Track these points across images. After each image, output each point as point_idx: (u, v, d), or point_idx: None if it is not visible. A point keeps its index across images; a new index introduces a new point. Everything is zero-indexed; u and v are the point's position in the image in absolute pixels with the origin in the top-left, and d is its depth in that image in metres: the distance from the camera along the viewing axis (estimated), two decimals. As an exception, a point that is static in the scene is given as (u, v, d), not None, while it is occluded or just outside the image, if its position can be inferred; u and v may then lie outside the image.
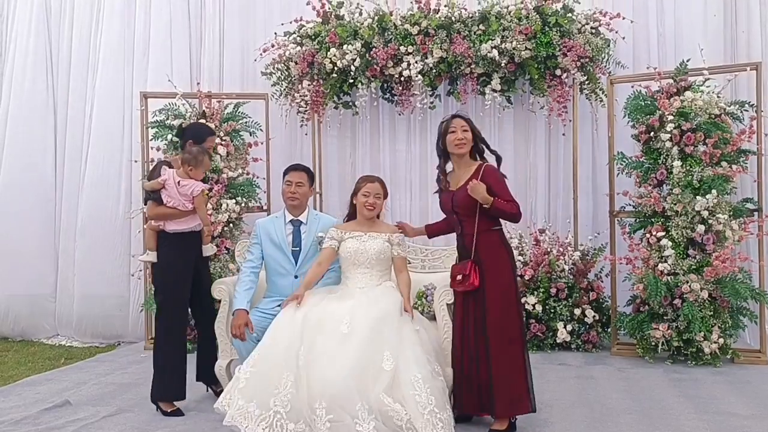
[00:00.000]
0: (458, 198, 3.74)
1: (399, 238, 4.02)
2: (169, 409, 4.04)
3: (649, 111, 5.24)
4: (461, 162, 3.83)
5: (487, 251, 3.72)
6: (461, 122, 3.78)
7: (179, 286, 4.13)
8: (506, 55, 5.77)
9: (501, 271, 3.71)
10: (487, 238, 3.74)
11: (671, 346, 5.07)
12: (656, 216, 5.18)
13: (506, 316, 3.65)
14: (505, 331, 3.64)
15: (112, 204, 6.73)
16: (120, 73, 6.86)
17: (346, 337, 3.50)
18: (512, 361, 3.62)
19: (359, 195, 3.99)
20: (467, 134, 3.76)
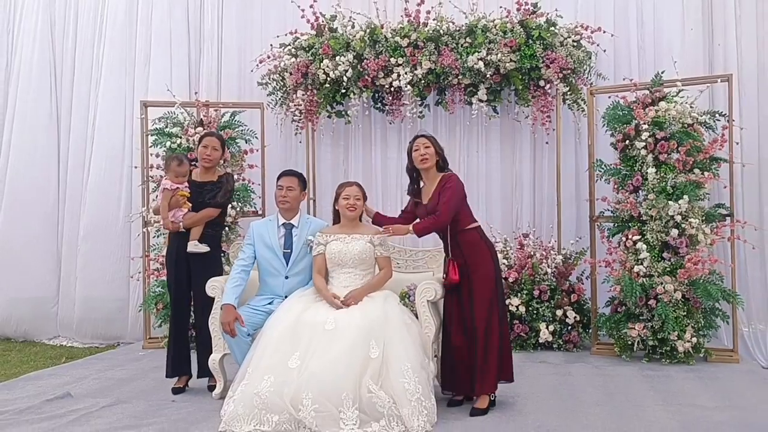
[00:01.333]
0: (431, 208, 4.09)
1: (381, 239, 4.24)
2: (173, 385, 4.59)
3: (626, 120, 5.47)
4: (429, 176, 4.19)
5: (468, 248, 4.08)
6: (423, 140, 4.16)
7: (170, 276, 4.70)
8: (492, 66, 6.01)
9: (482, 263, 4.06)
10: (465, 236, 4.11)
11: (647, 345, 5.28)
12: (633, 220, 5.40)
13: (491, 305, 4.01)
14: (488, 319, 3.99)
15: (113, 209, 6.98)
16: (122, 83, 7.14)
17: (332, 333, 3.74)
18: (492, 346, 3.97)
19: (340, 200, 4.25)
20: (429, 150, 4.12)
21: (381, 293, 4.11)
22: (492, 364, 3.99)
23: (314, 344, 3.72)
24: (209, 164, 4.67)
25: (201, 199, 4.61)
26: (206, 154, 4.61)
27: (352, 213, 4.21)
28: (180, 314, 4.71)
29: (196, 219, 4.56)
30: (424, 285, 4.13)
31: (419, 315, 4.10)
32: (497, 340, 4.01)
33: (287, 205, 4.40)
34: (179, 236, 4.62)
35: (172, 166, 4.57)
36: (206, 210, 4.57)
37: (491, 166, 6.68)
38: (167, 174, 4.62)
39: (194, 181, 4.64)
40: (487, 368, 3.98)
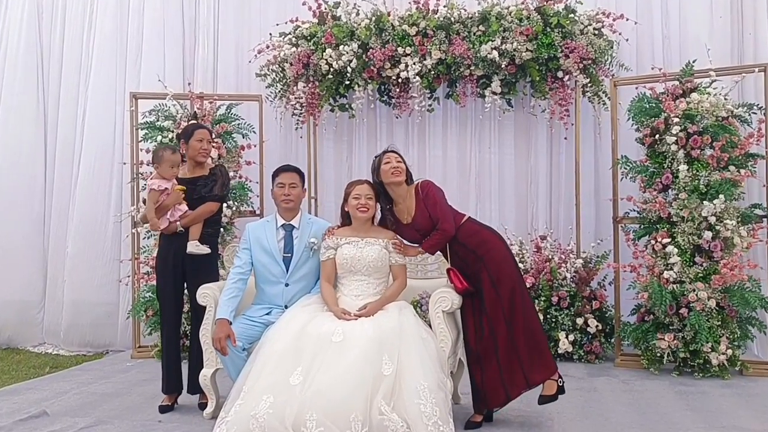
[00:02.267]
0: (420, 225, 3.81)
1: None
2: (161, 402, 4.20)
3: (654, 113, 5.07)
4: (400, 192, 3.86)
5: (470, 241, 3.78)
6: (395, 155, 3.88)
7: (160, 283, 4.32)
8: (507, 56, 5.60)
9: (492, 249, 3.77)
10: (465, 232, 3.82)
11: (677, 357, 4.89)
12: (661, 222, 5.00)
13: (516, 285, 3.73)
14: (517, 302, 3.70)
15: (103, 208, 6.59)
16: (113, 75, 6.74)
17: (339, 346, 3.35)
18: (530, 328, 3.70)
19: (350, 200, 3.86)
20: (401, 165, 3.83)
21: (395, 303, 3.73)
22: (541, 343, 3.72)
23: (320, 358, 3.31)
24: (205, 159, 4.31)
25: (197, 195, 4.21)
26: (202, 148, 4.22)
27: (364, 214, 3.81)
28: (174, 324, 4.32)
29: (195, 216, 4.17)
30: (440, 294, 3.72)
31: (434, 327, 3.69)
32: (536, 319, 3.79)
33: (291, 204, 4.00)
34: (174, 238, 4.22)
35: (165, 156, 4.13)
36: (206, 205, 4.19)
37: (504, 163, 6.27)
38: (158, 168, 4.18)
39: (183, 178, 4.25)
40: (536, 348, 3.68)
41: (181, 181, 4.23)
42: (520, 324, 3.67)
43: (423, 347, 3.44)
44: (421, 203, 3.80)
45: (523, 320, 3.68)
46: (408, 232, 3.89)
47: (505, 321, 3.66)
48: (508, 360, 3.66)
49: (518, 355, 3.66)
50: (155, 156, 4.22)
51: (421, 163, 6.31)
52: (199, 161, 4.28)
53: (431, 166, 6.30)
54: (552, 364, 3.73)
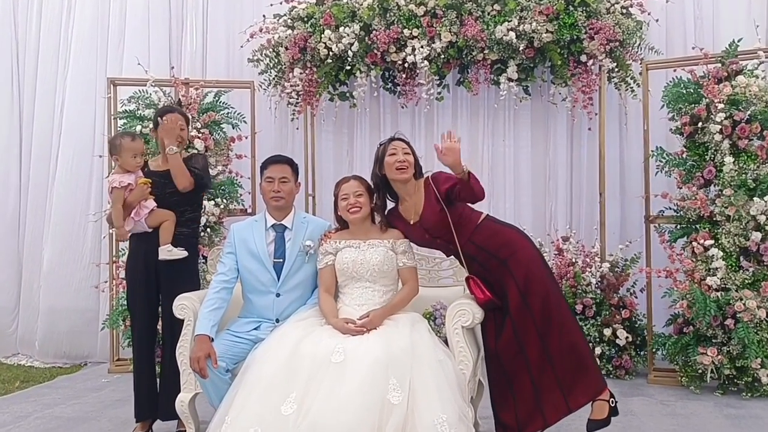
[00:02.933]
0: (429, 222, 3.26)
1: (405, 245, 3.34)
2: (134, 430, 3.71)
3: (694, 99, 4.54)
4: (407, 188, 3.33)
5: (494, 242, 3.21)
6: (402, 145, 3.31)
7: (131, 294, 3.79)
8: (524, 38, 5.05)
9: (518, 249, 3.20)
10: (483, 233, 3.24)
11: (721, 374, 4.34)
12: (702, 221, 4.47)
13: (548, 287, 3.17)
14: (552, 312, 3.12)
15: (82, 206, 6.04)
16: (93, 63, 6.19)
17: (340, 368, 2.79)
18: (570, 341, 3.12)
19: (339, 201, 3.35)
20: (409, 157, 3.29)
21: (407, 316, 3.17)
22: (585, 358, 3.12)
23: (316, 383, 2.77)
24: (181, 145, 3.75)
25: (170, 189, 3.66)
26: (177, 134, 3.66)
27: (356, 215, 3.29)
28: (146, 340, 3.77)
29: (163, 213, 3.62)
30: (458, 306, 3.15)
31: (451, 345, 3.13)
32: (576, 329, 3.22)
33: (281, 201, 3.43)
34: (145, 239, 3.68)
35: (124, 145, 3.59)
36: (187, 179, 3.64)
37: (520, 156, 5.74)
38: (119, 160, 3.64)
39: (155, 171, 3.71)
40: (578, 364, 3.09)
41: (151, 174, 3.69)
42: (556, 336, 3.11)
43: (440, 371, 2.89)
44: (431, 197, 3.24)
45: (560, 332, 3.11)
46: (416, 233, 3.34)
47: (538, 334, 3.10)
48: (543, 379, 3.10)
49: (556, 373, 3.09)
50: (112, 146, 3.66)
51: (428, 157, 5.65)
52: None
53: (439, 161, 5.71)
54: (598, 382, 3.14)
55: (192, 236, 3.80)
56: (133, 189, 3.60)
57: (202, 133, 5.12)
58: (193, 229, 3.81)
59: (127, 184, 3.58)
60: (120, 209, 3.58)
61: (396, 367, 2.79)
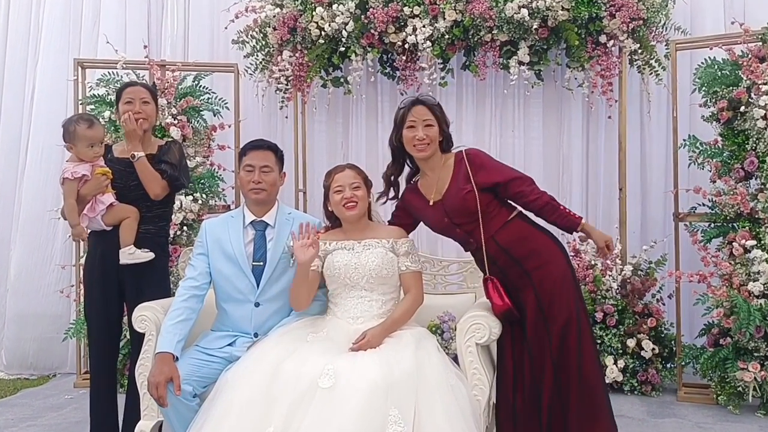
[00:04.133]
0: (452, 204, 2.79)
1: (407, 245, 2.83)
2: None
3: (732, 82, 4.04)
4: (431, 162, 2.85)
5: (521, 247, 2.73)
6: (424, 113, 2.80)
7: (87, 302, 3.32)
8: (538, 16, 4.56)
9: (550, 261, 2.74)
10: (510, 233, 2.74)
11: (764, 392, 3.84)
12: (741, 219, 3.98)
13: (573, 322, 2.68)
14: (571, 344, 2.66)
15: (52, 203, 5.46)
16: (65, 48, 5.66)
17: (329, 395, 2.28)
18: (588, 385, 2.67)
19: (331, 194, 2.85)
20: (431, 130, 2.79)
21: (411, 331, 2.67)
22: (599, 408, 2.66)
23: (301, 412, 2.27)
24: (144, 125, 3.22)
25: (134, 181, 3.15)
26: (135, 110, 3.15)
27: (351, 211, 2.79)
28: (105, 356, 3.27)
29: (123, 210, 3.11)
30: (472, 320, 2.64)
31: (464, 365, 2.63)
32: (596, 371, 2.73)
33: (263, 194, 2.92)
34: (102, 238, 3.18)
35: (79, 132, 3.09)
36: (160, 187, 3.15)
37: (531, 147, 5.26)
38: (73, 149, 3.14)
39: (117, 159, 3.20)
40: (590, 413, 2.64)
41: (115, 162, 3.18)
42: (573, 375, 2.63)
43: (452, 399, 2.39)
44: (460, 175, 2.73)
45: (578, 370, 2.64)
46: (433, 216, 2.84)
47: (553, 366, 2.64)
48: (552, 422, 2.64)
49: (566, 417, 2.62)
50: (65, 132, 3.14)
51: None
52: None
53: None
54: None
55: (160, 235, 3.29)
56: (88, 180, 3.08)
57: (179, 121, 4.62)
58: (160, 227, 3.30)
59: (81, 175, 3.08)
60: (73, 204, 3.09)
61: (398, 395, 2.29)
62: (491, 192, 2.74)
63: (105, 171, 3.10)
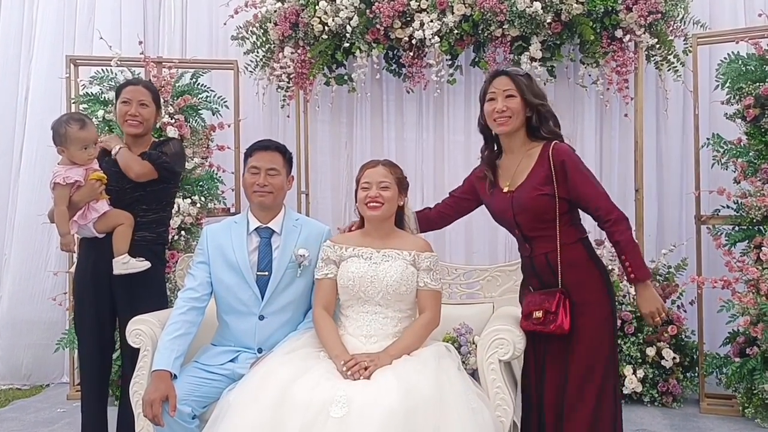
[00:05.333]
0: (521, 202, 2.51)
1: (431, 260, 2.61)
2: None
3: (758, 78, 3.86)
4: (513, 141, 2.58)
5: (573, 274, 2.45)
6: (505, 83, 2.52)
7: (78, 314, 3.15)
8: (551, 10, 4.39)
9: (596, 300, 2.47)
10: (568, 255, 2.46)
11: (794, 404, 3.65)
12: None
13: (597, 370, 2.44)
14: (587, 395, 2.42)
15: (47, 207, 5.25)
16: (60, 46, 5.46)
17: (341, 425, 2.08)
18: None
19: (359, 190, 2.64)
20: (513, 102, 2.50)
21: (432, 350, 2.46)
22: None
23: None
24: (137, 129, 3.06)
25: (129, 184, 2.97)
26: (129, 113, 2.97)
27: (375, 212, 2.57)
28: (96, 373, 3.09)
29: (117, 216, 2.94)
30: (495, 334, 2.45)
31: (485, 384, 2.44)
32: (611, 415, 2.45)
33: (268, 198, 2.72)
34: (93, 245, 3.00)
35: (69, 135, 2.91)
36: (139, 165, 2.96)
37: (543, 145, 5.05)
38: (68, 147, 2.94)
39: (114, 160, 3.01)
40: None
41: (111, 165, 2.99)
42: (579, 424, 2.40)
43: (473, 424, 2.18)
44: (541, 172, 2.46)
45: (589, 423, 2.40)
46: (499, 204, 2.58)
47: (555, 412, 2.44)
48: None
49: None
50: (55, 134, 2.95)
51: (438, 148, 5.17)
52: (130, 132, 3.04)
53: (450, 153, 5.14)
54: None
55: (157, 242, 3.09)
56: (81, 186, 2.89)
57: (176, 120, 4.45)
58: (158, 234, 3.10)
59: (74, 181, 2.89)
60: (63, 211, 2.90)
61: (416, 423, 2.08)
62: (569, 202, 2.49)
63: (100, 176, 2.91)
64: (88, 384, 3.08)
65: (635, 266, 2.42)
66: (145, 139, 3.09)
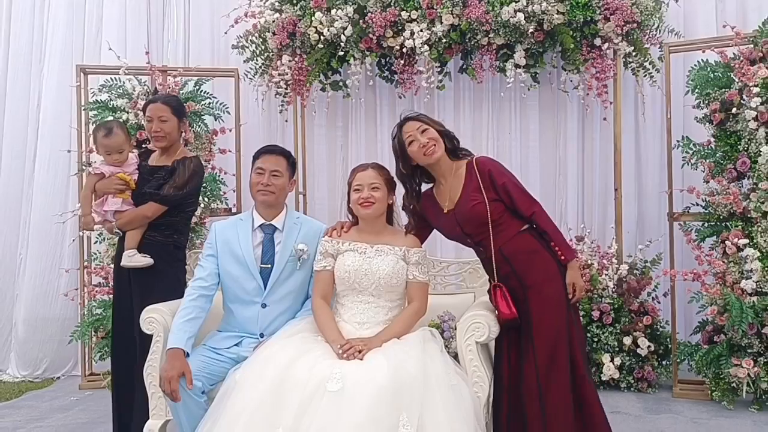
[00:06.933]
0: (464, 214, 2.81)
1: (419, 255, 2.88)
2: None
3: (724, 84, 4.12)
4: (442, 168, 2.89)
5: (525, 260, 2.76)
6: (414, 125, 2.86)
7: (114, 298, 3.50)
8: (533, 20, 4.62)
9: (547, 279, 2.75)
10: (518, 244, 2.76)
11: (757, 387, 3.92)
12: (734, 218, 4.07)
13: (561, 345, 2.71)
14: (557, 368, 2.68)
15: (60, 207, 5.51)
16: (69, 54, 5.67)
17: (337, 398, 2.33)
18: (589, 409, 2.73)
19: (352, 192, 2.90)
20: (430, 133, 2.84)
21: (417, 334, 2.72)
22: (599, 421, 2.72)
23: (308, 416, 2.32)
24: (161, 143, 3.33)
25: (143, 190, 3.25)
26: (153, 129, 3.29)
27: (368, 210, 2.83)
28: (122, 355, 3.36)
29: (128, 218, 3.20)
30: (472, 319, 2.72)
31: (464, 364, 2.70)
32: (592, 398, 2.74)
33: (270, 197, 2.98)
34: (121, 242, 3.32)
35: (97, 140, 3.28)
36: (142, 207, 3.24)
37: (528, 149, 5.32)
38: (98, 149, 3.37)
39: (150, 166, 3.33)
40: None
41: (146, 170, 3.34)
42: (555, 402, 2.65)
43: (453, 398, 2.45)
44: (471, 185, 2.77)
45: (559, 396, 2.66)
46: (447, 224, 2.88)
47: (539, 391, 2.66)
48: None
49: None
50: (93, 137, 3.44)
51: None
52: (157, 146, 3.36)
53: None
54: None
55: (166, 243, 3.32)
56: (104, 179, 3.24)
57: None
58: (167, 236, 3.33)
59: (100, 172, 3.23)
60: (87, 195, 3.31)
61: (406, 398, 2.34)
62: (502, 202, 2.77)
63: (123, 177, 3.21)
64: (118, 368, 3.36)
65: (563, 249, 2.75)
66: (174, 148, 3.36)
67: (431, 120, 2.91)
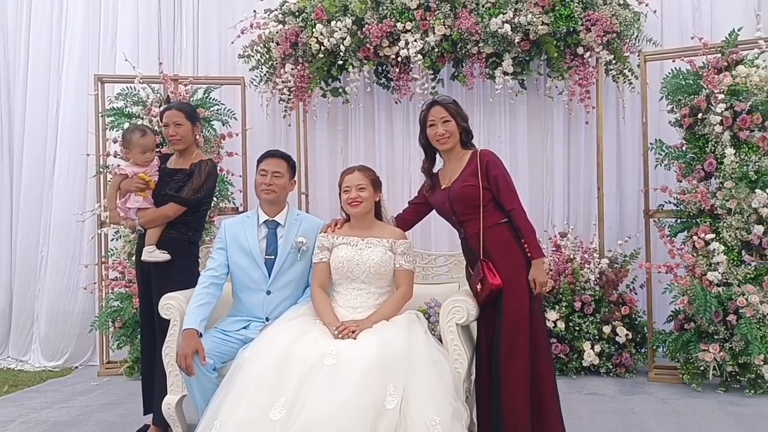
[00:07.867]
0: (455, 194, 3.15)
1: (405, 246, 3.21)
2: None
3: (693, 90, 4.44)
4: (450, 154, 3.25)
5: (498, 250, 3.07)
6: (440, 112, 3.18)
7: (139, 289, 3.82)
8: (520, 31, 4.94)
9: (515, 269, 3.07)
10: (495, 234, 3.09)
11: (723, 371, 4.24)
12: (703, 215, 4.38)
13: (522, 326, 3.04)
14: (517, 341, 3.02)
15: (79, 208, 5.85)
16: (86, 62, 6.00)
17: (333, 371, 2.66)
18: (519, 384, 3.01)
19: (342, 193, 3.25)
20: (449, 125, 3.16)
21: (404, 317, 3.06)
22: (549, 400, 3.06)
23: (308, 387, 2.64)
24: (178, 146, 3.67)
25: (164, 191, 3.59)
26: (170, 134, 3.61)
27: (356, 208, 3.18)
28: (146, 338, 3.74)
29: (150, 217, 3.53)
30: (453, 303, 3.06)
31: (446, 343, 3.04)
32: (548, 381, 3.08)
33: (272, 195, 3.34)
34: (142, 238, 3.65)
35: (134, 140, 3.58)
36: (164, 207, 3.56)
37: (516, 151, 5.61)
38: (130, 150, 3.64)
39: (169, 169, 3.67)
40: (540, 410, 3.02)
41: (165, 172, 3.66)
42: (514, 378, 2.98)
43: (434, 372, 2.78)
44: (469, 170, 3.11)
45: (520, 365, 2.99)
46: (440, 198, 3.22)
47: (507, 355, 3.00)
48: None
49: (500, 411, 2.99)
50: (123, 139, 3.69)
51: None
52: (174, 150, 3.69)
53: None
54: None
55: (182, 240, 3.64)
56: (127, 179, 3.58)
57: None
58: (182, 233, 3.65)
59: (124, 172, 3.57)
60: (112, 194, 3.64)
61: (393, 371, 2.68)
62: (491, 191, 3.09)
63: (143, 177, 3.54)
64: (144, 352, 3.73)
65: (531, 247, 3.06)
66: (189, 150, 3.68)
67: (458, 112, 3.19)
